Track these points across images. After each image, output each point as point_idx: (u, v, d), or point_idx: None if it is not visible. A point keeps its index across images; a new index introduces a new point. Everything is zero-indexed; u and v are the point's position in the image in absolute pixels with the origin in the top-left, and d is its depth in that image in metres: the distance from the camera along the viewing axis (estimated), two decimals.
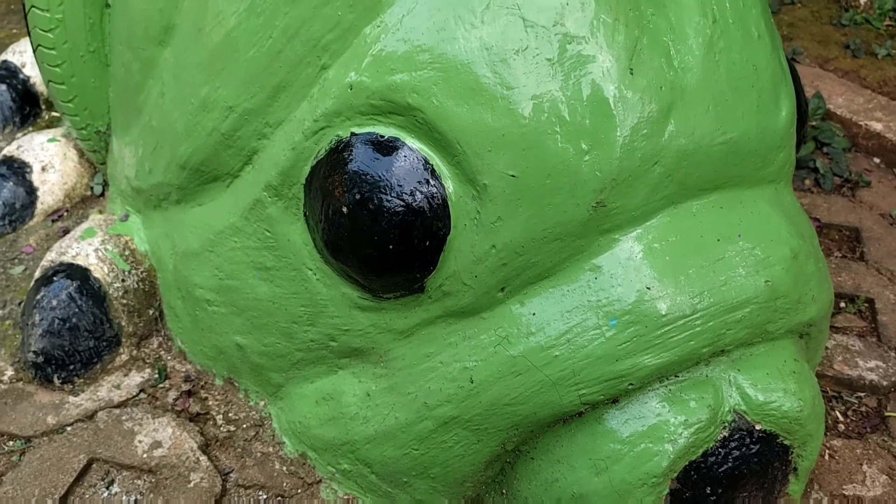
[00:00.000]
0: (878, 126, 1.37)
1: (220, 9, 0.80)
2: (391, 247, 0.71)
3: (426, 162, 0.70)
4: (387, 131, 0.72)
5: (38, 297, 0.99)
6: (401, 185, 0.70)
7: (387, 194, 0.70)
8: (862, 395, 0.98)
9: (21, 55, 1.50)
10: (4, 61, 1.50)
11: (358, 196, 0.71)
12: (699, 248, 0.70)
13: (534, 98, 0.66)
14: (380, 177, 0.71)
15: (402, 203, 0.70)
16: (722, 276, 0.69)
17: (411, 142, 0.71)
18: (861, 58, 1.60)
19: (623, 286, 0.68)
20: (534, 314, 0.70)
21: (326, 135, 0.75)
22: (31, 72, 1.48)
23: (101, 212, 1.24)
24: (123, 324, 1.02)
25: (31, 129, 1.46)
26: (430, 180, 0.70)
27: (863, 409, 0.96)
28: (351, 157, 0.73)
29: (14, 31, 1.83)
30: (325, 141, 0.75)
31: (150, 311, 1.05)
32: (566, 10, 0.66)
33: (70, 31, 1.07)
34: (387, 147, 0.71)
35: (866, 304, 1.09)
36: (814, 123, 1.40)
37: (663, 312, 0.66)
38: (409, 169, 0.70)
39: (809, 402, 0.71)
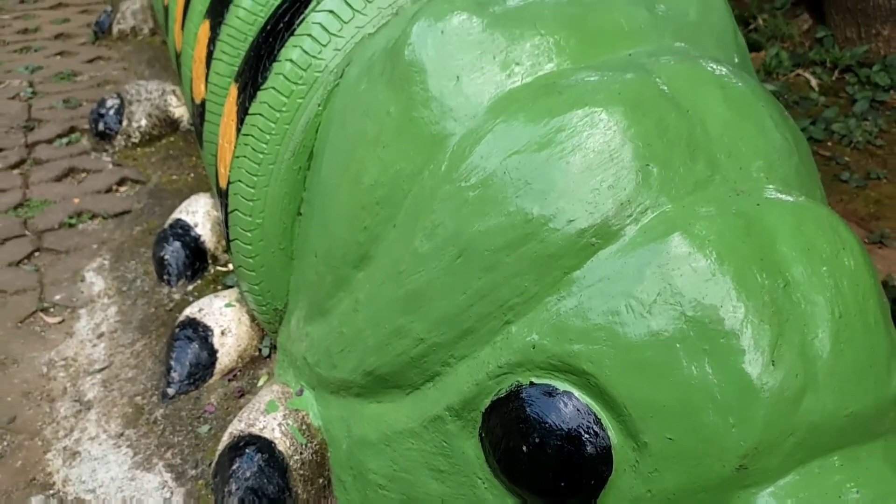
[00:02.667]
0: None
1: (419, 259, 0.98)
2: (561, 483, 0.86)
3: (596, 416, 0.86)
4: (562, 385, 0.88)
5: (234, 467, 1.16)
6: (573, 433, 0.86)
7: (561, 439, 0.86)
8: None
9: (193, 215, 1.73)
10: (178, 220, 1.74)
11: (536, 439, 0.86)
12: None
13: (691, 378, 0.81)
14: (554, 424, 0.86)
15: (573, 448, 0.85)
16: None
17: (583, 397, 0.86)
18: None
19: None
20: None
21: (508, 379, 0.91)
22: (202, 230, 1.71)
23: (269, 374, 1.43)
24: (299, 492, 1.18)
25: (199, 281, 1.68)
26: (598, 431, 0.85)
27: None
28: (530, 403, 0.89)
29: (174, 176, 2.08)
30: (506, 383, 0.92)
31: (320, 480, 1.21)
32: (720, 312, 0.81)
33: (266, 232, 1.28)
34: (562, 399, 0.87)
35: None
36: None
37: None
38: (581, 420, 0.86)
39: None
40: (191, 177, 2.04)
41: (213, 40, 1.53)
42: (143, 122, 2.15)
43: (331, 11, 1.18)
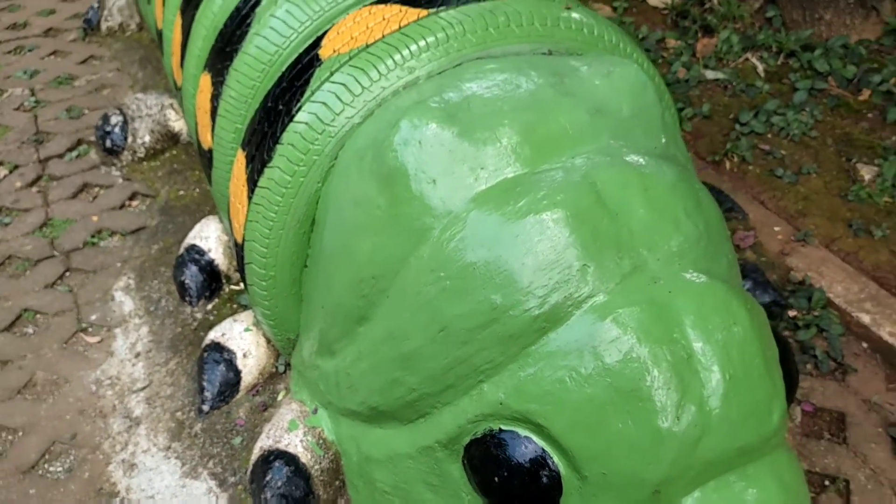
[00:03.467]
0: (866, 318, 1.77)
1: (409, 330, 1.23)
2: (525, 501, 1.15)
3: (550, 456, 1.13)
4: (523, 432, 1.15)
5: (267, 478, 1.45)
6: (532, 468, 1.13)
7: (523, 472, 1.13)
8: None
9: (206, 240, 1.96)
10: (193, 245, 1.96)
11: (505, 472, 1.14)
12: None
13: (618, 432, 1.08)
14: (518, 461, 1.14)
15: (532, 479, 1.13)
16: None
17: (539, 442, 1.13)
18: (861, 237, 1.98)
19: None
20: None
21: (482, 424, 1.18)
22: (215, 254, 1.94)
23: (286, 389, 1.70)
24: (321, 493, 1.47)
25: (217, 300, 1.92)
26: (551, 466, 1.13)
27: None
28: (499, 445, 1.16)
29: (181, 192, 2.29)
30: (481, 428, 1.18)
31: (336, 483, 1.50)
32: (639, 382, 1.08)
33: (278, 282, 1.52)
34: (523, 443, 1.15)
35: (843, 484, 1.51)
36: (816, 313, 1.80)
37: None
38: (538, 458, 1.13)
39: None
40: (196, 192, 2.25)
41: (215, 97, 1.73)
42: (147, 139, 2.34)
43: (324, 103, 1.39)
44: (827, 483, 1.51)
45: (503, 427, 1.16)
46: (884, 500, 1.48)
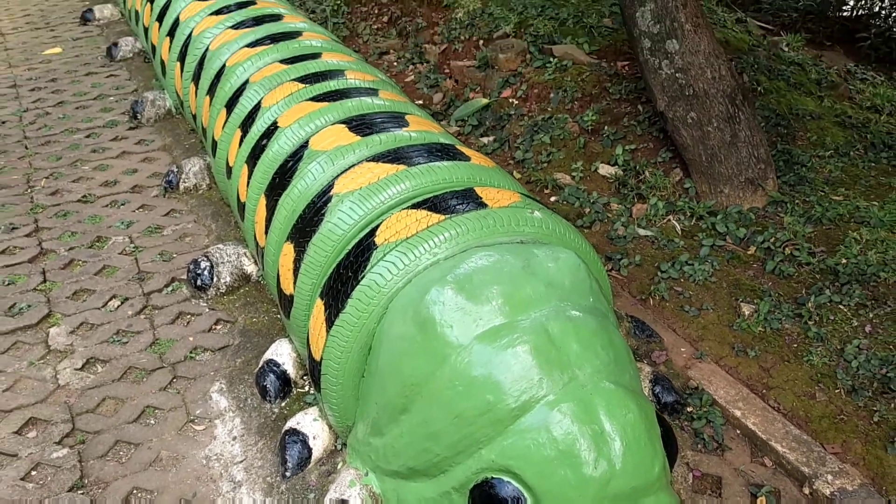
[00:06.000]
0: (738, 413, 2.55)
1: (435, 417, 1.98)
2: None
3: (523, 493, 1.86)
4: (507, 478, 1.86)
5: None
6: (512, 499, 1.86)
7: (506, 503, 1.87)
8: None
9: (280, 356, 2.71)
10: (270, 360, 2.71)
11: None
12: None
13: (562, 477, 1.82)
14: (503, 496, 1.87)
15: None
16: None
17: (516, 484, 1.86)
18: (740, 356, 2.79)
19: None
20: None
21: (481, 474, 1.91)
22: (287, 367, 2.69)
23: (343, 461, 2.42)
24: None
25: (288, 399, 2.67)
26: (524, 499, 1.86)
27: None
28: (491, 486, 1.88)
29: (254, 319, 3.06)
30: (480, 476, 1.90)
31: None
32: (575, 451, 1.82)
33: (344, 388, 2.26)
34: (507, 485, 1.87)
35: None
36: (705, 409, 2.58)
37: None
38: (516, 496, 1.86)
39: None
40: (266, 319, 3.03)
41: (297, 260, 2.53)
42: (228, 279, 3.14)
43: (380, 274, 2.19)
44: None
45: (493, 476, 1.90)
46: None
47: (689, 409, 2.57)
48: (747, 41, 4.93)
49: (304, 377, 2.68)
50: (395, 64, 5.40)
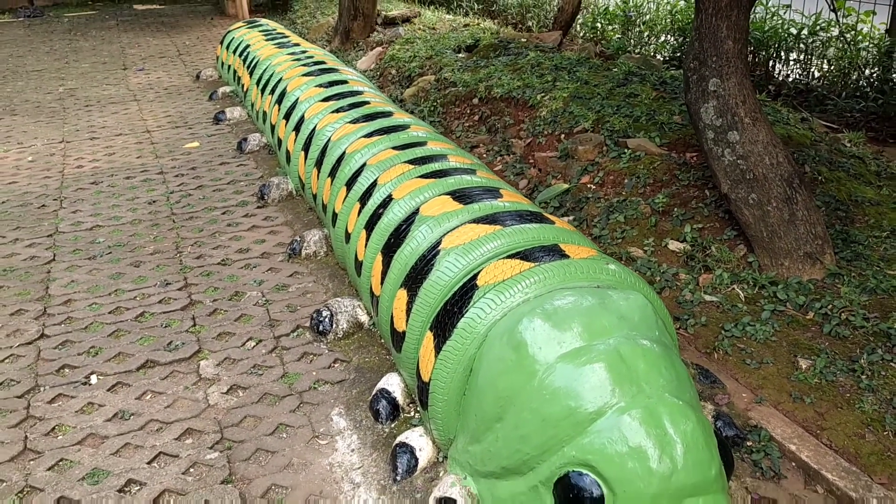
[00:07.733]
0: (794, 447, 2.84)
1: (525, 422, 2.39)
2: None
3: (598, 484, 2.23)
4: (585, 471, 2.24)
5: None
6: (589, 490, 2.24)
7: (584, 493, 2.24)
8: None
9: (391, 386, 3.18)
10: (383, 388, 3.18)
11: (575, 494, 2.25)
12: None
13: (632, 470, 2.19)
14: (582, 488, 2.24)
15: (590, 497, 2.23)
16: None
17: (595, 477, 2.24)
18: (797, 402, 3.09)
19: None
20: None
21: (563, 469, 2.29)
22: (396, 394, 3.14)
23: (444, 470, 2.83)
24: None
25: (397, 421, 3.11)
26: (601, 490, 2.23)
27: None
28: (572, 479, 2.26)
29: (366, 359, 3.56)
30: (562, 471, 2.27)
31: None
32: (645, 450, 2.19)
33: (448, 404, 2.69)
34: (588, 479, 2.24)
35: None
36: (763, 444, 2.88)
37: None
38: (593, 486, 2.24)
39: None
40: (376, 359, 3.52)
41: (409, 303, 3.03)
42: (344, 325, 3.67)
43: (481, 308, 2.66)
44: None
45: (574, 469, 2.28)
46: None
47: (748, 444, 2.88)
48: (810, 136, 5.33)
49: (411, 405, 3.13)
50: (485, 155, 6.02)
